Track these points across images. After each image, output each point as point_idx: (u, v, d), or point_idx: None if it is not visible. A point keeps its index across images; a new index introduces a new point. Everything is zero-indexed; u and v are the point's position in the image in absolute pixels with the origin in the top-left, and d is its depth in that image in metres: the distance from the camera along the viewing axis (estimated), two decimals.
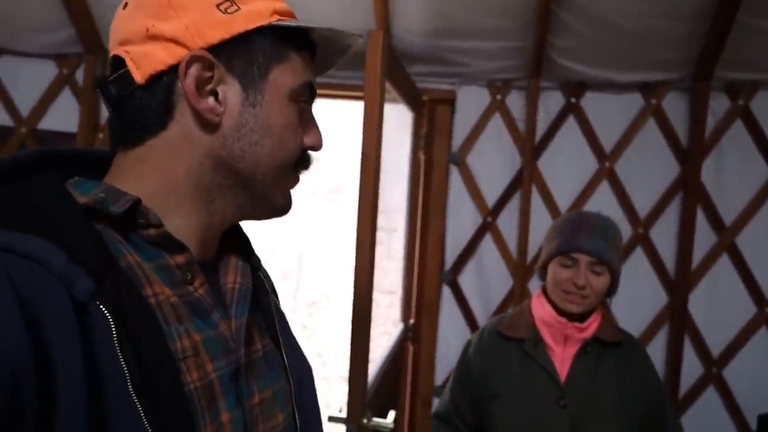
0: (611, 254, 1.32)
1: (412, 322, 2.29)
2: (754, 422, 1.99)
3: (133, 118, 0.56)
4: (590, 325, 1.35)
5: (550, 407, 1.31)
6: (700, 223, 2.08)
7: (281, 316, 0.69)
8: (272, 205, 0.62)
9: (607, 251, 1.31)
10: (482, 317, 2.19)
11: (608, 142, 2.15)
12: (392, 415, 1.56)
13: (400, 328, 2.22)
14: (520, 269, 2.16)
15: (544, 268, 1.40)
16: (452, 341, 2.16)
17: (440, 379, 2.20)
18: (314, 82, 0.63)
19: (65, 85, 2.30)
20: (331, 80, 2.18)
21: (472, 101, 2.20)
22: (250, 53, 0.56)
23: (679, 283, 2.09)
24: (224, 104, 0.56)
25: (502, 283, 2.20)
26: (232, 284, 0.61)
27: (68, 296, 0.44)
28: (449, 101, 2.23)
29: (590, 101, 2.15)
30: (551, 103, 2.17)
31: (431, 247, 2.27)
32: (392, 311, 2.39)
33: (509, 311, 1.49)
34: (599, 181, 2.15)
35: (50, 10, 2.12)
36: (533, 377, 1.34)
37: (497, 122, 2.20)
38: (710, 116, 2.07)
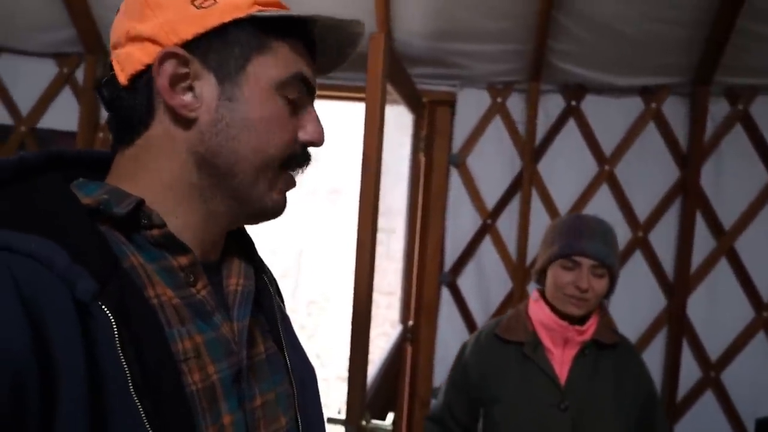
0: (612, 257, 1.34)
1: (411, 323, 2.30)
2: (752, 426, 1.99)
3: (123, 118, 0.57)
4: (589, 327, 1.36)
5: (551, 410, 1.31)
6: (699, 227, 2.08)
7: (284, 318, 0.69)
8: (259, 204, 0.59)
9: (609, 255, 1.33)
10: (481, 319, 2.19)
11: (608, 145, 2.15)
12: (391, 416, 1.56)
13: (398, 329, 2.22)
14: (519, 271, 2.16)
15: (543, 271, 1.40)
16: (451, 343, 2.16)
17: (438, 380, 2.20)
18: (308, 73, 0.60)
19: (65, 84, 2.30)
20: (331, 81, 2.18)
21: (472, 103, 2.20)
22: (226, 47, 0.55)
23: (677, 286, 2.09)
24: (201, 100, 0.55)
25: (501, 285, 2.20)
26: (234, 286, 0.61)
27: (70, 296, 0.44)
28: (449, 103, 2.23)
29: (590, 104, 2.15)
30: (551, 106, 2.17)
31: (431, 248, 2.27)
32: (391, 312, 2.39)
33: (507, 314, 1.49)
34: (599, 184, 2.15)
35: (50, 9, 2.12)
36: (533, 380, 1.34)
37: (497, 125, 2.20)
38: (710, 121, 2.07)
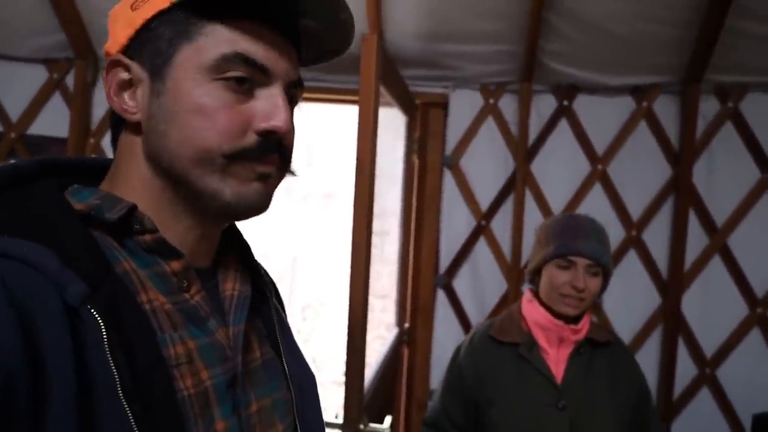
0: (607, 257, 1.35)
1: (407, 326, 2.29)
2: (748, 422, 2.00)
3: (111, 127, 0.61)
4: (584, 326, 1.37)
5: (548, 410, 1.32)
6: (692, 224, 2.10)
7: (282, 323, 0.68)
8: (217, 200, 0.54)
9: (603, 254, 1.34)
10: (477, 320, 2.19)
11: (600, 144, 2.16)
12: (388, 420, 1.55)
13: (394, 332, 2.22)
14: (514, 272, 2.16)
15: (536, 271, 1.40)
16: (447, 345, 2.15)
17: (435, 383, 2.20)
18: (252, 50, 0.53)
19: (55, 89, 2.28)
20: (324, 84, 2.18)
21: (465, 105, 2.20)
22: (155, 42, 0.54)
23: (672, 284, 2.10)
24: (139, 102, 0.55)
25: (496, 286, 2.20)
26: (230, 291, 0.60)
27: (60, 300, 0.44)
28: (442, 105, 2.24)
29: (582, 104, 2.16)
30: (543, 106, 2.18)
31: (425, 250, 2.27)
32: (386, 315, 2.39)
33: (500, 315, 1.49)
34: (592, 183, 2.16)
35: (40, 14, 2.11)
36: (530, 381, 1.34)
37: (490, 125, 2.20)
38: (701, 119, 2.08)
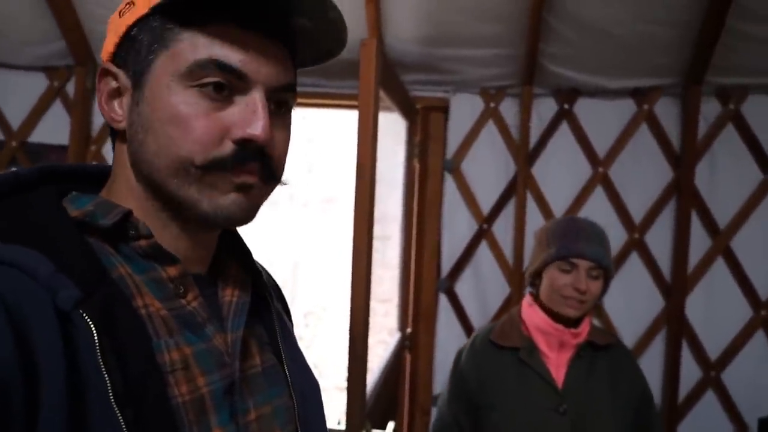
0: (608, 259, 1.35)
1: (409, 330, 2.28)
2: (754, 424, 1.98)
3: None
4: (584, 329, 1.36)
5: (549, 414, 1.31)
6: (694, 227, 2.09)
7: (285, 329, 0.67)
8: (198, 211, 0.53)
9: (605, 256, 1.34)
10: (479, 324, 2.18)
11: (601, 147, 2.16)
12: (391, 425, 1.54)
13: (397, 337, 2.21)
14: (516, 275, 2.15)
15: (537, 274, 1.40)
16: (450, 349, 2.14)
17: (438, 387, 2.18)
18: (227, 56, 0.51)
19: (56, 97, 2.29)
20: (323, 90, 2.18)
21: (465, 109, 2.20)
22: (137, 49, 0.54)
23: (675, 287, 2.09)
24: (124, 110, 0.55)
25: (498, 289, 2.19)
26: (230, 297, 0.60)
27: (52, 305, 0.44)
28: (443, 109, 2.24)
29: (583, 107, 2.16)
30: (544, 109, 2.17)
31: (427, 255, 2.26)
32: (388, 320, 2.38)
33: (501, 319, 1.48)
34: (593, 186, 2.15)
35: (40, 22, 2.11)
36: (531, 385, 1.34)
37: (491, 129, 2.20)
38: (702, 121, 2.08)
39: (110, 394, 0.44)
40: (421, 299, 2.26)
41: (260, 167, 0.54)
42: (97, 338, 0.45)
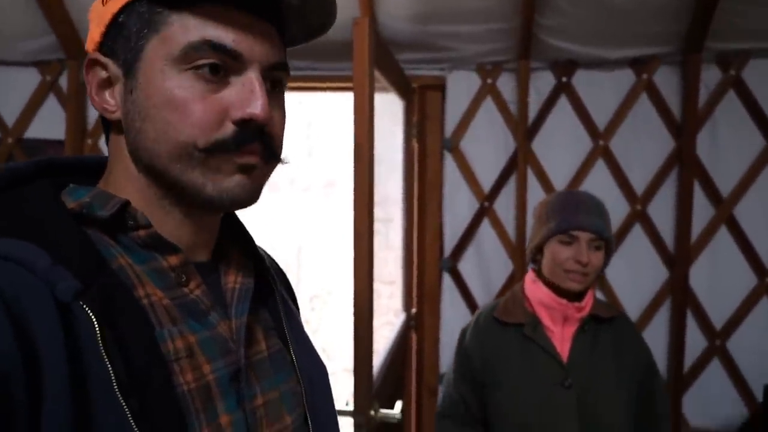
0: (609, 230, 1.35)
1: (414, 311, 2.29)
2: (759, 392, 1.99)
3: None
4: (587, 303, 1.37)
5: (555, 389, 1.32)
6: (697, 196, 2.08)
7: (290, 314, 0.67)
8: (201, 195, 0.53)
9: (605, 228, 1.34)
10: (484, 302, 2.18)
11: (601, 120, 2.14)
12: (399, 405, 1.55)
13: (402, 317, 2.22)
14: (519, 252, 2.15)
15: (539, 249, 1.40)
16: (455, 328, 2.14)
17: (445, 366, 2.20)
18: (220, 36, 0.51)
19: (49, 92, 2.27)
20: (317, 72, 2.16)
21: (462, 86, 2.18)
22: (125, 37, 0.53)
23: (679, 257, 2.09)
24: (118, 99, 0.55)
25: (502, 266, 2.19)
26: (232, 284, 0.60)
27: (51, 297, 0.44)
28: (439, 87, 2.21)
29: (581, 79, 2.13)
30: (542, 83, 2.15)
31: (429, 235, 2.26)
32: (393, 301, 2.39)
33: (504, 296, 1.48)
34: (594, 159, 2.14)
35: (29, 16, 2.08)
36: (536, 360, 1.34)
37: (489, 106, 2.18)
38: (702, 88, 2.05)
39: (114, 383, 0.44)
40: (424, 279, 2.27)
41: (261, 147, 0.54)
42: (98, 328, 0.45)
